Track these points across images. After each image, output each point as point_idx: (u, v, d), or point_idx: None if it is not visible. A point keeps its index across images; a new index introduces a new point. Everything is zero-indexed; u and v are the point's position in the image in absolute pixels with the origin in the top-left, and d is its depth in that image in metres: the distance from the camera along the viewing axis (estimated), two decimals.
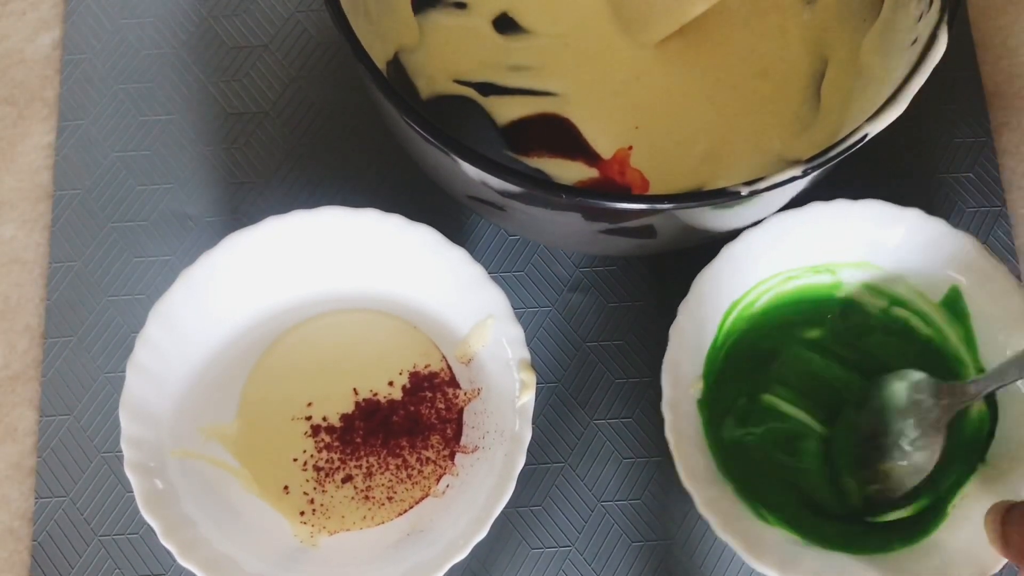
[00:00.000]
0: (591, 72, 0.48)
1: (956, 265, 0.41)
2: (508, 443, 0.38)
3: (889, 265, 0.42)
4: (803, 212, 0.40)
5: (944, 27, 0.37)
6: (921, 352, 0.43)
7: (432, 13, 0.48)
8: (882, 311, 0.43)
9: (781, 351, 0.43)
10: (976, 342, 0.41)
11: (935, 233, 0.41)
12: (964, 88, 0.50)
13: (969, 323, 0.41)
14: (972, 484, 0.40)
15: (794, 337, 0.43)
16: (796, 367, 0.43)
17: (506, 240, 0.47)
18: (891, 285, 0.43)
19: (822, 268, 0.43)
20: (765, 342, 0.43)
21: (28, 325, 0.46)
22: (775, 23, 0.48)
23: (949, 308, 0.42)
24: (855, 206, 0.41)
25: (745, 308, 0.42)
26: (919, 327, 0.43)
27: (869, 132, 0.36)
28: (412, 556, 0.38)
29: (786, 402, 0.43)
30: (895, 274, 0.42)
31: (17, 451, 0.45)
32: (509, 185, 0.35)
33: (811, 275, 0.43)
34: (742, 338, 0.43)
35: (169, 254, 0.47)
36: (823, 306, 0.44)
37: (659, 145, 0.47)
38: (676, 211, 0.36)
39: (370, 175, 0.48)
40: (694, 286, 0.40)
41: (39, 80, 0.50)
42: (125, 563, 0.43)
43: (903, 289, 0.43)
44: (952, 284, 0.41)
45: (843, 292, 0.43)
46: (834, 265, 0.43)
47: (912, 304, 0.43)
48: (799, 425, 0.42)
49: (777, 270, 0.42)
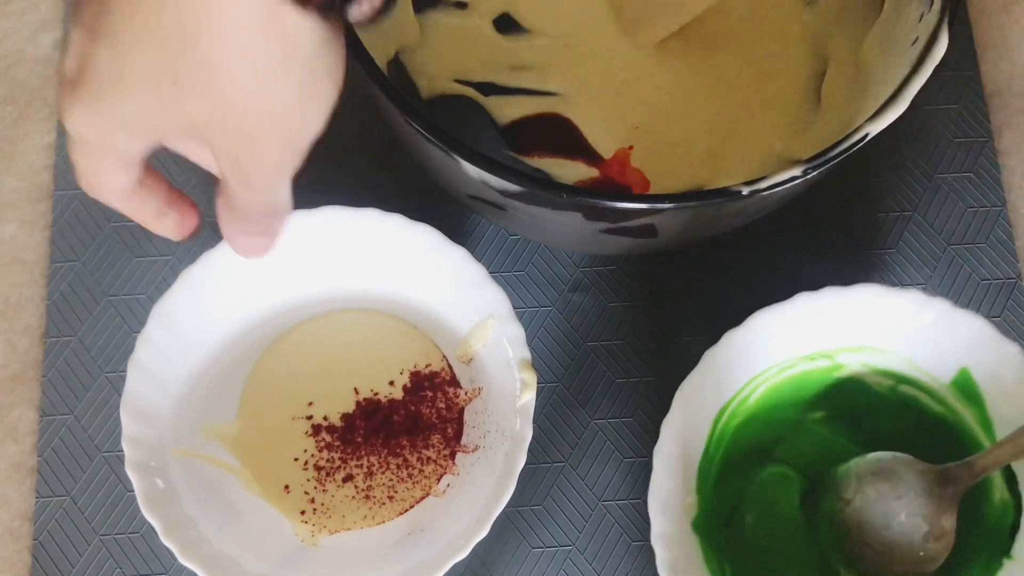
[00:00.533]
0: (592, 72, 0.48)
1: (964, 346, 0.37)
2: (509, 442, 0.38)
3: (891, 347, 0.39)
4: (790, 306, 0.37)
5: (944, 27, 0.37)
6: (933, 430, 0.39)
7: (433, 13, 0.48)
8: (889, 389, 0.40)
9: (783, 437, 0.40)
10: (992, 425, 0.38)
11: (937, 313, 0.37)
12: (964, 88, 0.50)
13: (983, 404, 0.38)
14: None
15: (795, 421, 0.40)
16: (800, 449, 0.40)
17: (507, 240, 0.47)
18: (896, 366, 0.39)
19: (818, 355, 0.39)
20: (764, 433, 0.40)
21: (28, 325, 0.46)
22: (775, 23, 0.49)
23: (960, 390, 0.38)
24: (846, 293, 0.38)
25: (739, 405, 0.39)
26: (930, 405, 0.39)
27: (869, 132, 0.36)
28: (412, 555, 0.38)
29: (787, 479, 0.39)
30: (898, 355, 0.39)
31: (17, 451, 0.45)
32: (510, 185, 0.35)
33: (807, 363, 0.40)
34: (737, 435, 0.39)
35: (169, 254, 0.47)
36: (824, 388, 0.40)
37: (659, 145, 0.47)
38: (677, 211, 0.36)
39: (371, 175, 0.48)
40: (677, 399, 0.36)
41: (39, 80, 0.50)
42: (126, 562, 0.43)
43: (909, 368, 0.39)
44: (961, 367, 0.38)
45: (844, 373, 0.40)
46: (831, 352, 0.39)
47: (920, 383, 0.39)
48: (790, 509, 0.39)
49: (767, 365, 0.39)
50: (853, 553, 0.37)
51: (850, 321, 0.38)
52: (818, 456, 0.39)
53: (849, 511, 0.37)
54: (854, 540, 0.37)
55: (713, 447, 0.38)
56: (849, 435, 0.40)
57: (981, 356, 0.37)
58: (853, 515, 0.37)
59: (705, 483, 0.38)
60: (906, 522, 0.36)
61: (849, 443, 0.40)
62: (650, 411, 0.45)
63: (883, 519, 0.37)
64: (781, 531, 0.39)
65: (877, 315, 0.38)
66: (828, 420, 0.40)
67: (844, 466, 0.38)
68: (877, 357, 0.39)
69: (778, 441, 0.40)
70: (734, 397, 0.39)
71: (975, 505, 0.37)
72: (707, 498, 0.38)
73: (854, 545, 0.37)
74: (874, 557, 0.37)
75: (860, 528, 0.37)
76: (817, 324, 0.38)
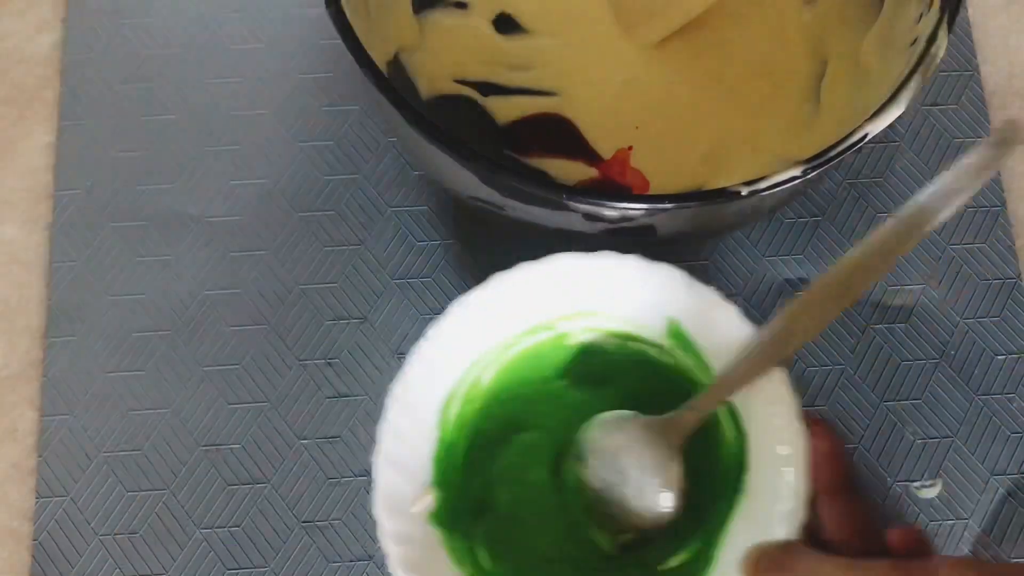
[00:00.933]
0: (591, 72, 0.48)
1: (666, 297, 0.37)
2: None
3: (603, 309, 0.38)
4: (486, 290, 0.37)
5: (944, 27, 0.37)
6: (668, 383, 0.39)
7: (432, 13, 0.48)
8: (619, 347, 0.39)
9: (532, 409, 0.39)
10: (711, 370, 0.37)
11: (632, 270, 0.37)
12: (964, 88, 0.50)
13: (699, 351, 0.37)
14: (736, 522, 0.35)
15: (541, 392, 0.39)
16: (548, 417, 0.39)
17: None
18: (616, 326, 0.39)
19: (538, 328, 0.39)
20: (513, 411, 0.39)
21: (28, 325, 0.46)
22: (775, 23, 0.49)
23: (676, 339, 0.38)
24: (539, 266, 0.37)
25: (470, 390, 0.38)
26: (659, 358, 0.39)
27: (869, 132, 0.36)
28: None
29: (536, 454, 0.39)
30: (613, 315, 0.39)
31: (17, 451, 0.45)
32: (509, 185, 0.35)
33: (529, 337, 0.39)
34: (481, 419, 0.39)
35: (169, 254, 0.47)
36: (560, 357, 0.40)
37: (659, 145, 0.47)
38: (676, 211, 0.36)
39: (374, 174, 0.48)
40: (389, 402, 0.36)
41: (39, 80, 0.50)
42: (125, 562, 0.43)
43: (628, 326, 0.39)
44: (668, 317, 0.38)
45: (573, 341, 0.40)
46: (550, 323, 0.39)
47: (644, 339, 0.39)
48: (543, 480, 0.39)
49: (486, 347, 0.38)
50: (599, 514, 0.37)
51: (552, 292, 0.38)
52: (566, 422, 0.39)
53: (588, 473, 0.37)
54: (596, 501, 0.37)
55: (450, 437, 0.38)
56: (594, 397, 0.40)
57: (683, 304, 0.37)
58: (592, 477, 0.37)
59: (448, 474, 0.37)
60: (639, 476, 0.36)
61: (595, 404, 0.39)
62: None
63: (618, 476, 0.37)
64: (533, 501, 0.39)
65: (579, 281, 0.38)
66: (573, 385, 0.40)
67: (581, 429, 0.38)
68: (595, 320, 0.39)
69: (528, 415, 0.39)
70: (459, 385, 0.38)
71: (711, 448, 0.37)
72: (454, 488, 0.37)
73: (597, 506, 0.37)
74: (618, 515, 0.37)
75: (600, 489, 0.37)
76: (521, 301, 0.38)
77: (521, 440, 0.39)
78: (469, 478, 0.38)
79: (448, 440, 0.38)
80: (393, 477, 0.35)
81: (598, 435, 0.37)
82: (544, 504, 0.38)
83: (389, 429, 0.36)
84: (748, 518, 0.35)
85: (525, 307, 0.38)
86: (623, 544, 0.37)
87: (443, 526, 0.36)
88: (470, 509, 0.37)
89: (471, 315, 0.37)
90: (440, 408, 0.37)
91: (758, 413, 0.35)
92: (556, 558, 0.38)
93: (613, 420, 0.37)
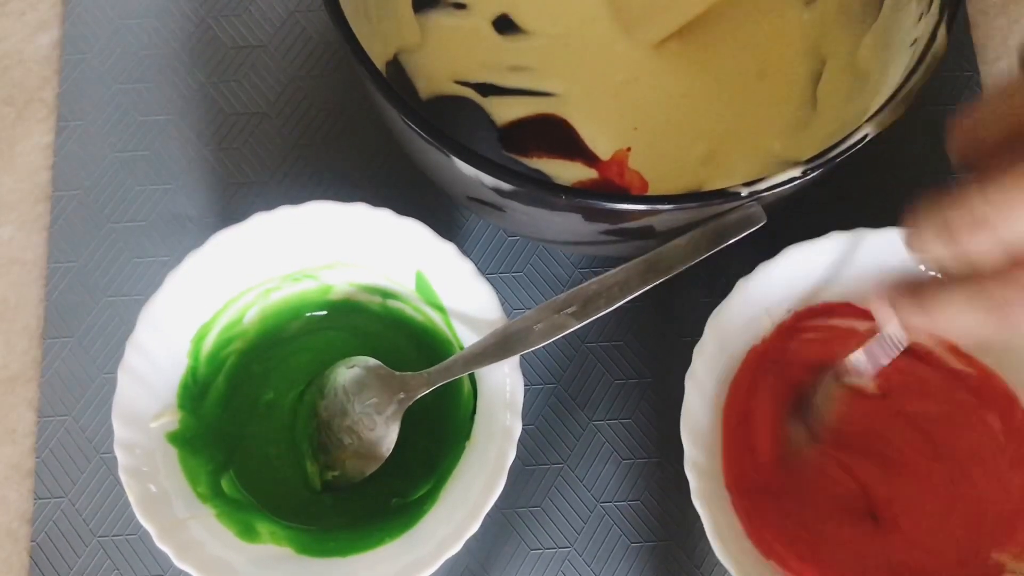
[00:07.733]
0: (590, 73, 0.48)
1: (413, 251, 0.40)
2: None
3: (361, 259, 0.41)
4: (245, 226, 0.39)
5: (944, 27, 0.37)
6: (419, 339, 0.42)
7: (432, 13, 0.48)
8: (380, 306, 0.42)
9: (289, 356, 0.42)
10: (453, 325, 0.40)
11: (382, 223, 0.39)
12: (964, 88, 0.50)
13: (443, 307, 0.40)
14: (461, 465, 0.39)
15: (302, 341, 0.42)
16: (310, 351, 0.42)
17: (505, 241, 0.47)
18: (374, 280, 0.42)
19: (301, 275, 0.41)
20: (270, 356, 0.42)
21: (27, 325, 0.46)
22: (774, 23, 0.48)
23: (423, 296, 0.41)
24: (297, 209, 0.39)
25: (229, 327, 0.41)
26: (412, 316, 0.42)
27: (869, 132, 0.36)
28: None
29: None
30: (372, 268, 0.41)
31: (16, 452, 0.45)
32: (508, 185, 0.35)
33: (292, 284, 0.42)
34: (243, 360, 0.41)
35: (169, 254, 0.47)
36: (321, 308, 0.43)
37: (658, 146, 0.47)
38: (676, 212, 0.36)
39: (370, 175, 0.48)
40: (140, 316, 0.38)
41: (38, 80, 0.50)
42: (124, 564, 0.43)
43: (385, 282, 0.41)
44: (416, 270, 0.40)
45: (336, 295, 0.42)
46: (313, 271, 0.41)
47: (399, 295, 0.42)
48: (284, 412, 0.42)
49: (245, 286, 0.41)
50: (317, 444, 0.41)
51: (313, 237, 0.40)
52: (322, 364, 0.41)
53: (321, 405, 0.41)
54: (318, 431, 0.41)
55: (204, 370, 0.40)
56: (350, 346, 0.42)
57: (428, 258, 0.40)
58: (322, 408, 0.41)
59: (199, 404, 0.40)
60: (362, 419, 0.40)
61: (350, 351, 0.42)
62: (649, 412, 0.45)
63: (340, 412, 0.40)
64: (278, 434, 0.41)
65: (335, 229, 0.40)
66: (334, 335, 0.43)
67: (331, 367, 0.41)
68: (355, 273, 0.42)
69: (288, 361, 0.42)
70: (215, 318, 0.40)
71: (451, 398, 0.40)
72: (205, 419, 0.40)
73: (318, 435, 0.41)
74: (331, 449, 0.40)
75: (324, 420, 0.40)
76: (285, 241, 0.40)
77: (278, 380, 0.42)
78: (227, 413, 0.41)
79: (201, 372, 0.40)
80: (135, 389, 0.38)
81: (340, 372, 0.40)
82: (282, 424, 0.41)
83: (134, 343, 0.38)
84: (468, 461, 0.39)
85: (284, 249, 0.40)
86: (325, 481, 0.40)
87: (183, 447, 0.39)
88: (221, 439, 0.40)
89: (229, 249, 0.39)
90: (193, 337, 0.40)
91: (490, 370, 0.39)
92: (296, 487, 0.41)
93: (360, 364, 0.40)
